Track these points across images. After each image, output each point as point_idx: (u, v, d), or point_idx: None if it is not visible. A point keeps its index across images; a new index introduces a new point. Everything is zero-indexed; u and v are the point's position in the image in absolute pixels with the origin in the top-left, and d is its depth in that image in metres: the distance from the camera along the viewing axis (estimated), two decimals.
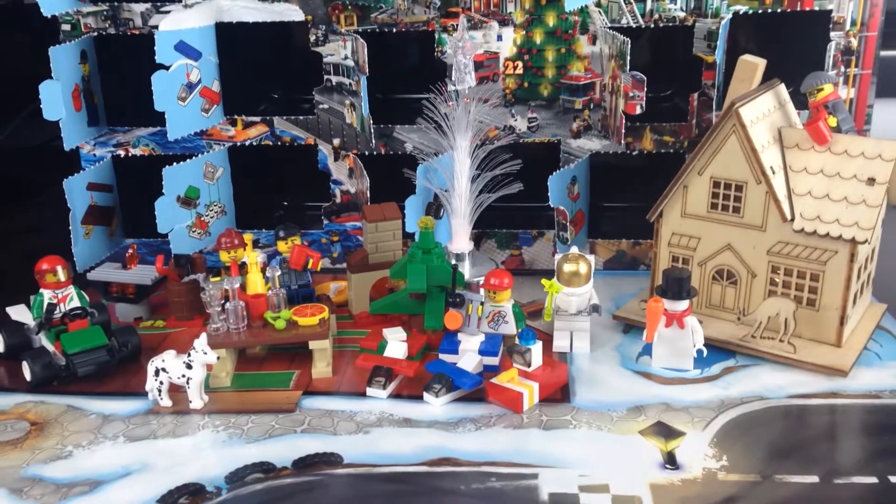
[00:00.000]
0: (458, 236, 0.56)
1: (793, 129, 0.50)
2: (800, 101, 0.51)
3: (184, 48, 0.55)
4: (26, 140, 0.76)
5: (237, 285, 0.47)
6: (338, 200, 0.62)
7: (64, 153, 0.56)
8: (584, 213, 0.60)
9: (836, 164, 0.48)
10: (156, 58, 0.53)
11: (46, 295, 0.48)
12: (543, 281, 0.49)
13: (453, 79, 0.53)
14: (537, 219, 0.61)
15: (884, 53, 0.86)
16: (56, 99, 0.53)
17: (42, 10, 0.52)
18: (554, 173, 0.56)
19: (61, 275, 0.48)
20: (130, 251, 0.57)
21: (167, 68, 0.54)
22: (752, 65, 0.49)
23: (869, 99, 0.56)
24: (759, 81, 0.50)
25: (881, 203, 0.46)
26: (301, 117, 0.60)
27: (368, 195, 0.60)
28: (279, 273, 0.49)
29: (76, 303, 0.49)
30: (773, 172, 0.48)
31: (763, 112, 0.49)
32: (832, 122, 0.48)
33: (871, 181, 0.47)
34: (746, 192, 0.48)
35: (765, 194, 0.48)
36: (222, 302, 0.47)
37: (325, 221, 0.62)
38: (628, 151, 0.58)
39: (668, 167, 0.53)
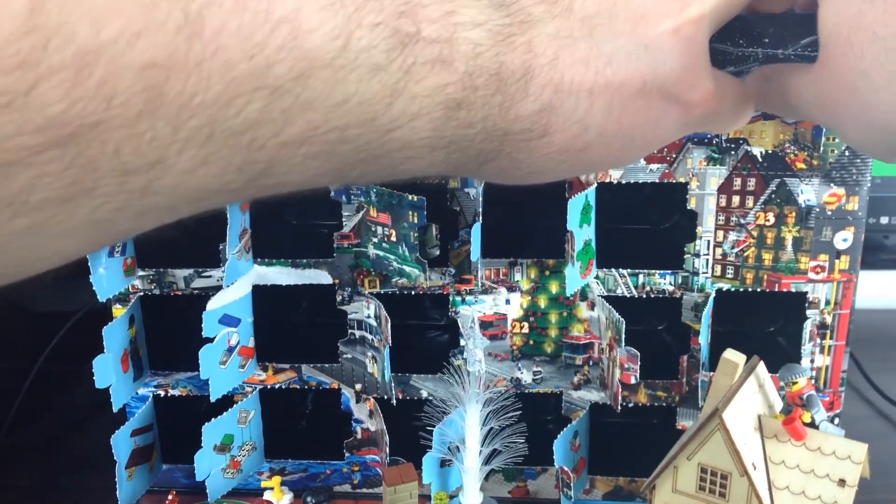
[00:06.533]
0: (470, 490, 0.61)
1: (772, 420, 0.55)
2: None
3: (227, 320, 0.61)
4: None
5: None
6: (358, 436, 0.68)
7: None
8: (585, 459, 0.66)
9: (811, 460, 0.53)
10: (202, 333, 0.59)
11: None
12: None
13: (466, 359, 0.59)
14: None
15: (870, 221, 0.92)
16: (107, 370, 0.59)
17: (99, 297, 0.59)
18: (559, 436, 0.61)
19: None
20: (171, 497, 0.63)
21: (212, 340, 0.60)
22: (734, 364, 0.55)
23: (843, 365, 0.62)
24: (741, 373, 0.56)
25: None
26: (326, 365, 0.66)
27: (387, 439, 0.66)
28: None
29: None
30: (755, 468, 0.53)
31: (744, 404, 0.55)
32: (806, 417, 0.54)
33: (842, 482, 0.52)
34: (731, 481, 0.54)
35: (748, 486, 0.53)
36: None
37: (347, 454, 0.68)
38: (624, 404, 0.64)
39: (661, 419, 0.59)
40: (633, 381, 0.60)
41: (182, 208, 0.24)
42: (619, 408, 0.61)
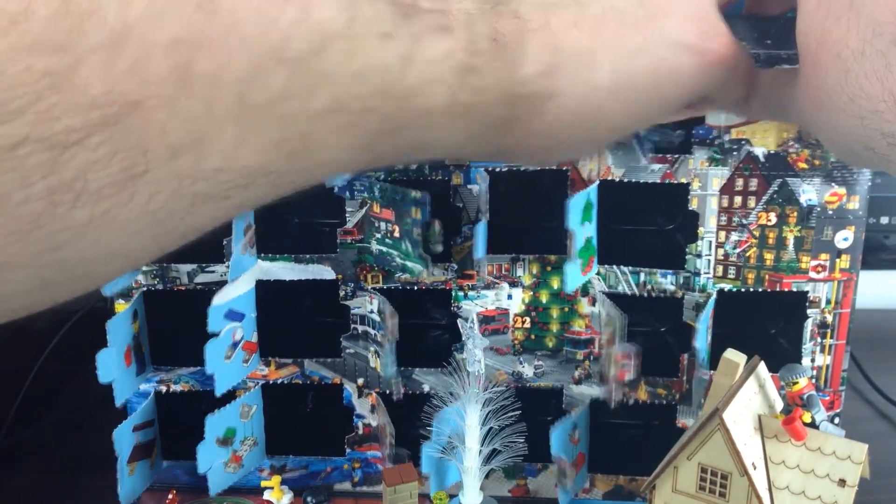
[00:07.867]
0: (470, 490, 0.62)
1: (772, 420, 0.55)
2: None
3: (232, 315, 0.61)
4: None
5: None
6: (360, 432, 0.68)
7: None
8: (585, 454, 0.66)
9: (811, 460, 0.53)
10: (208, 328, 0.59)
11: None
12: None
13: (465, 358, 0.59)
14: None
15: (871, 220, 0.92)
16: (110, 364, 0.60)
17: (105, 292, 0.59)
18: (556, 426, 0.61)
19: None
20: (171, 496, 0.63)
21: (217, 335, 0.60)
22: (735, 363, 0.55)
23: (843, 365, 0.62)
24: (741, 373, 0.56)
25: None
26: (329, 359, 0.66)
27: (389, 430, 0.66)
28: None
29: None
30: (755, 468, 0.53)
31: (744, 404, 0.55)
32: (806, 417, 0.54)
33: (842, 483, 0.52)
34: (731, 481, 0.54)
35: (748, 486, 0.53)
36: None
37: (348, 450, 0.68)
38: (625, 400, 0.64)
39: (661, 419, 0.59)
40: (627, 378, 0.60)
41: (234, 198, 0.25)
42: (614, 404, 0.61)
